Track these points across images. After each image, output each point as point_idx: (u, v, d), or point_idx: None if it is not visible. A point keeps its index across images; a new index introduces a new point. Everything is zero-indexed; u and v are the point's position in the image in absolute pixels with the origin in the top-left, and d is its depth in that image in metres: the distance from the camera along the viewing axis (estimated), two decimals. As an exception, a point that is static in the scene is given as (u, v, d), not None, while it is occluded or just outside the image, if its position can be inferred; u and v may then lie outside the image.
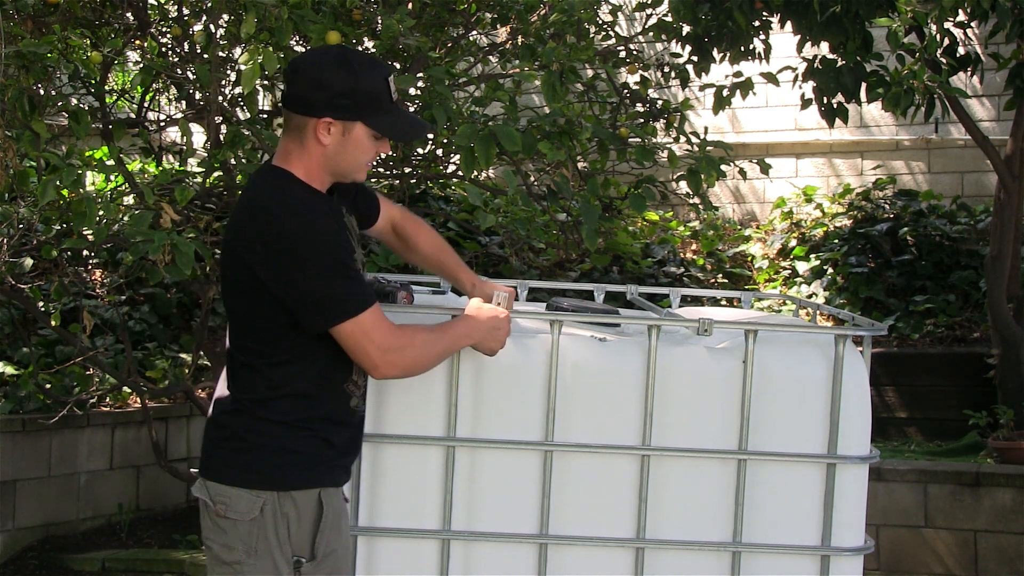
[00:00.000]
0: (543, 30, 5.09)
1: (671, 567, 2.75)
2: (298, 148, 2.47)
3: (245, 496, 2.40)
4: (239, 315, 2.46)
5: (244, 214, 2.45)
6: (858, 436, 2.79)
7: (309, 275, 2.36)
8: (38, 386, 5.81)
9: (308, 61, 2.51)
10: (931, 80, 5.39)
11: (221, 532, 2.42)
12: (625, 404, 2.73)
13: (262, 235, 2.37)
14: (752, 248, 8.87)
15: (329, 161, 2.47)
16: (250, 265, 2.38)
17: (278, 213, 2.39)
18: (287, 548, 2.40)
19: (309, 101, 2.44)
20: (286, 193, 2.43)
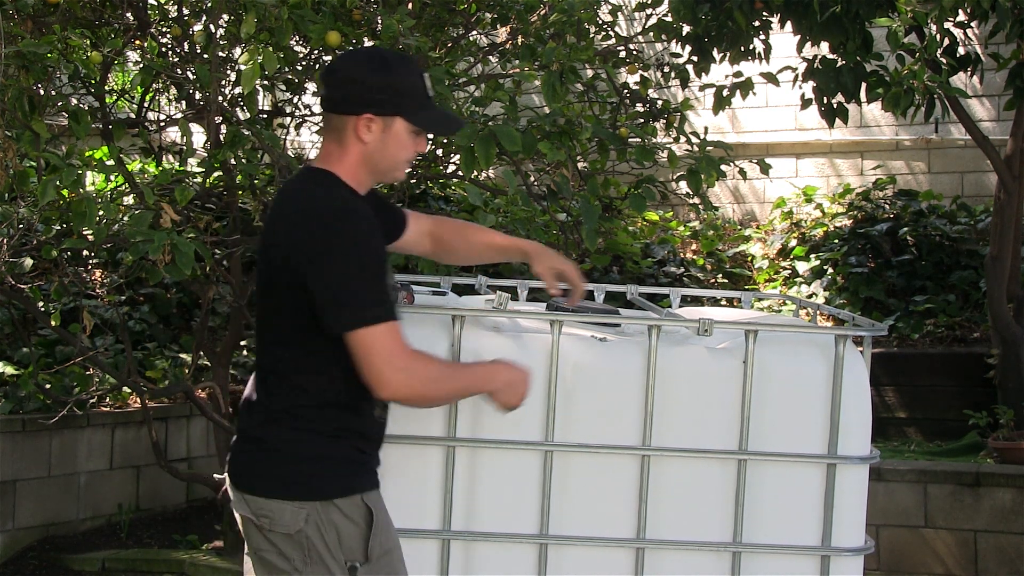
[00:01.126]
0: (543, 30, 5.09)
1: (671, 567, 2.75)
2: (338, 149, 2.48)
3: (288, 509, 2.37)
4: (275, 322, 2.44)
5: (287, 215, 2.44)
6: (858, 436, 2.79)
7: (338, 273, 2.33)
8: (38, 386, 5.80)
9: (344, 62, 2.54)
10: (931, 80, 5.39)
11: (273, 544, 2.40)
12: (625, 404, 2.73)
13: (305, 233, 2.36)
14: (752, 248, 8.87)
15: (370, 159, 2.48)
16: (292, 266, 2.36)
17: (320, 211, 2.39)
18: (339, 555, 2.39)
19: (349, 99, 2.45)
20: (330, 192, 2.43)
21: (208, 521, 6.39)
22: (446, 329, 2.73)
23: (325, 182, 2.45)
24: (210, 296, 5.54)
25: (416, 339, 2.77)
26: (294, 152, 6.33)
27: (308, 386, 2.41)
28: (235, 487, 2.46)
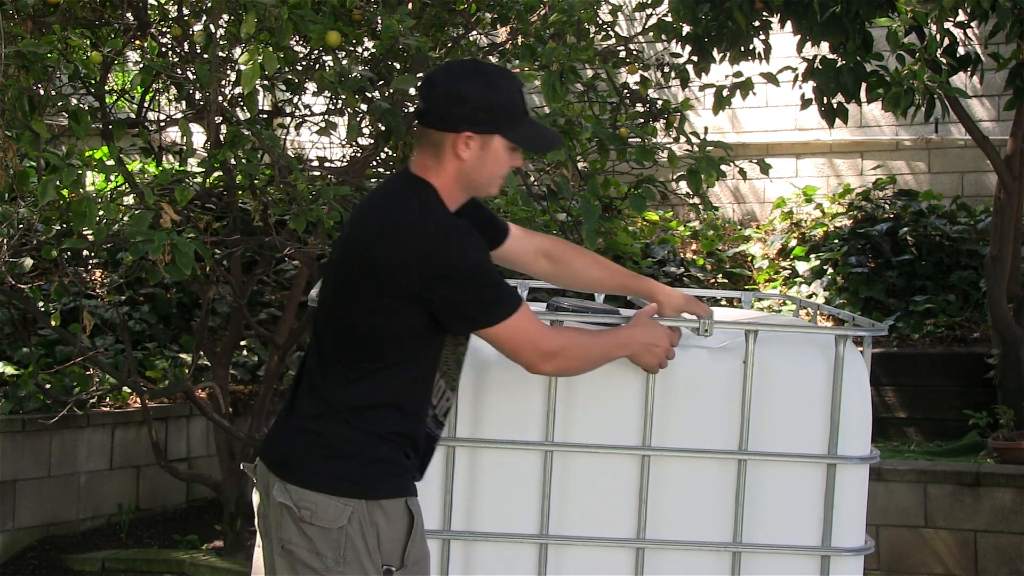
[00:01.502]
0: (543, 30, 5.09)
1: (671, 567, 2.75)
2: (435, 164, 2.46)
3: (333, 504, 2.36)
4: (345, 322, 2.43)
5: (384, 223, 2.41)
6: (858, 436, 2.79)
7: (464, 286, 2.37)
8: (38, 386, 5.80)
9: (444, 75, 2.50)
10: (931, 80, 5.39)
11: (307, 539, 2.37)
12: (625, 404, 2.73)
13: (410, 248, 2.36)
14: (752, 248, 8.88)
15: (466, 176, 2.47)
16: (385, 275, 2.36)
17: (426, 226, 2.39)
18: (377, 557, 2.38)
19: (448, 116, 2.43)
20: (431, 206, 2.43)
21: (208, 521, 6.39)
22: (446, 329, 2.73)
23: (422, 192, 2.44)
24: (210, 296, 5.54)
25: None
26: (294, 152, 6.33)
27: (372, 387, 2.41)
28: (279, 475, 2.43)
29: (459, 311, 2.40)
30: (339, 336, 2.45)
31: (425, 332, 2.43)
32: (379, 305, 2.39)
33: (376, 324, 2.40)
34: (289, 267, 7.31)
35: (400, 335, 2.41)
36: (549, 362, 2.48)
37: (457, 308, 2.39)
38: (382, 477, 2.41)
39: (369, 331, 2.41)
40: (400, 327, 2.40)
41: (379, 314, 2.39)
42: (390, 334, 2.40)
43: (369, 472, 2.40)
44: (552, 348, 2.46)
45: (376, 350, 2.41)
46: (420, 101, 2.50)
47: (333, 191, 4.35)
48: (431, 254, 2.36)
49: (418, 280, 2.36)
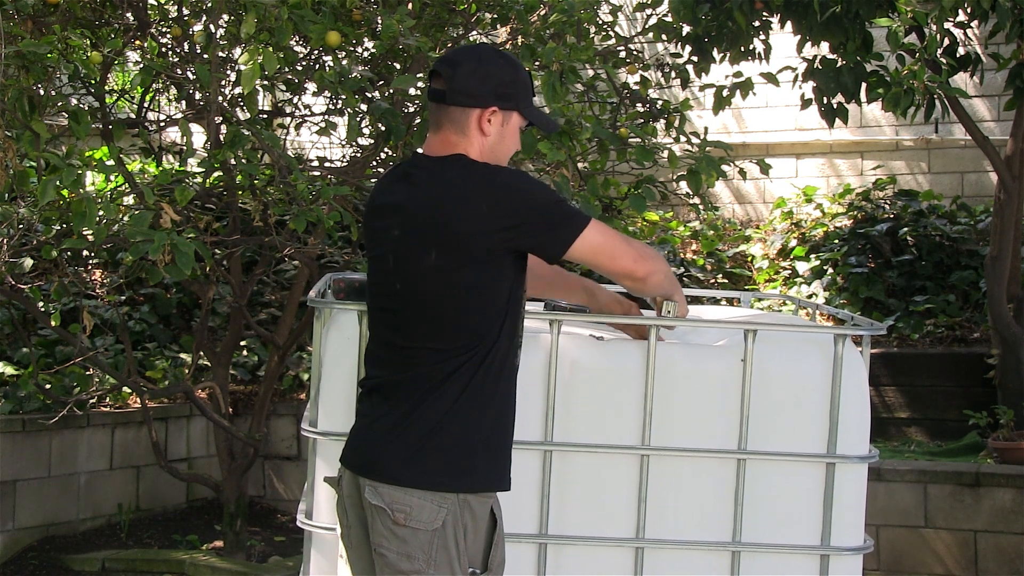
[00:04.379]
0: (543, 30, 5.09)
1: (671, 567, 2.75)
2: (462, 140, 2.49)
3: (428, 504, 2.35)
4: (430, 309, 2.42)
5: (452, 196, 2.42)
6: (857, 435, 2.79)
7: (543, 200, 2.43)
8: (38, 386, 5.81)
9: (466, 55, 2.55)
10: (931, 80, 5.38)
11: (400, 541, 2.36)
12: (624, 403, 2.73)
13: (485, 197, 2.40)
14: (752, 248, 8.87)
15: (490, 153, 2.51)
16: (471, 239, 2.37)
17: (488, 175, 2.44)
18: (464, 560, 2.37)
19: (474, 92, 2.47)
20: (485, 164, 2.47)
21: (208, 521, 6.40)
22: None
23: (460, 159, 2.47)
24: (210, 296, 5.54)
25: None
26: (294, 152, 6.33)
27: (469, 376, 2.40)
28: (370, 476, 2.40)
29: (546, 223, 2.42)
30: (422, 325, 2.43)
31: (512, 290, 2.44)
32: (468, 276, 2.39)
33: (468, 298, 2.40)
34: (289, 267, 7.31)
35: (491, 302, 2.40)
36: (644, 262, 2.52)
37: (545, 221, 2.42)
38: (481, 467, 2.41)
39: (461, 309, 2.40)
40: (492, 292, 2.40)
41: (469, 286, 2.39)
42: (482, 306, 2.40)
43: (467, 463, 2.39)
44: (637, 246, 2.53)
45: (466, 329, 2.40)
46: (441, 81, 2.50)
47: (333, 191, 4.36)
48: (504, 199, 2.40)
49: (508, 229, 2.38)
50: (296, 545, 5.84)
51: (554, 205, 2.44)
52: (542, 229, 2.42)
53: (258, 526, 6.40)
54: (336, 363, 2.79)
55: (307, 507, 2.84)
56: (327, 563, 2.81)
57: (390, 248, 2.49)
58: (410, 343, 2.44)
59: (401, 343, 2.45)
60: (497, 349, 2.42)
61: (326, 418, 2.79)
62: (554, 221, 2.43)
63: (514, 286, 2.46)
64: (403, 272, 2.45)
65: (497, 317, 2.42)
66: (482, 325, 2.41)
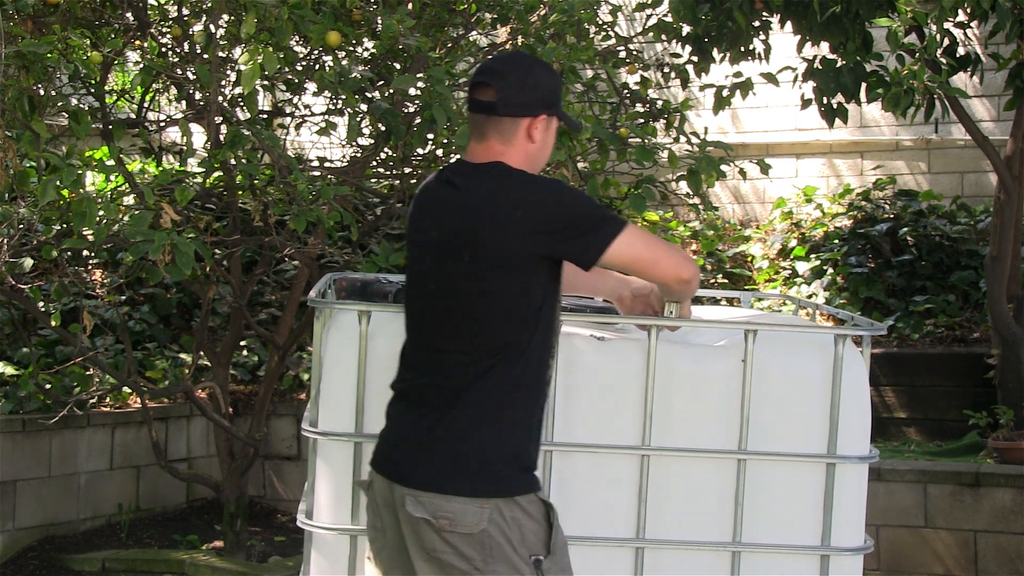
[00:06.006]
0: (543, 30, 5.09)
1: (671, 567, 2.75)
2: (507, 149, 2.50)
3: (471, 509, 2.34)
4: (467, 317, 2.42)
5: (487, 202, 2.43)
6: (858, 436, 2.79)
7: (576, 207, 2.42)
8: (38, 386, 5.80)
9: (511, 66, 2.57)
10: (931, 80, 5.38)
11: (450, 546, 2.35)
12: (625, 403, 2.73)
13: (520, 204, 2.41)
14: (752, 248, 8.87)
15: (533, 159, 2.54)
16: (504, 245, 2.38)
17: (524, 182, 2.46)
18: (523, 550, 2.37)
19: (525, 102, 2.50)
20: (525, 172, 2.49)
21: (208, 521, 6.39)
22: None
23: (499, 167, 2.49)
24: (210, 296, 5.54)
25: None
26: (294, 152, 6.33)
27: (503, 382, 2.40)
28: (409, 484, 2.39)
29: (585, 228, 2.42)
30: (454, 330, 2.43)
31: (546, 298, 2.44)
32: (500, 282, 2.40)
33: (499, 305, 2.40)
34: (289, 267, 7.31)
35: (524, 310, 2.41)
36: (688, 266, 2.52)
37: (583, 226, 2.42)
38: (515, 474, 2.41)
39: (492, 315, 2.41)
40: (524, 300, 2.41)
41: (501, 293, 2.40)
42: (513, 313, 2.40)
43: (503, 470, 2.39)
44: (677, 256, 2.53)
45: (498, 335, 2.40)
46: (490, 93, 2.50)
47: (333, 191, 4.35)
48: (538, 205, 2.40)
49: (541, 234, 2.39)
50: (296, 545, 5.84)
51: (588, 211, 2.44)
52: (575, 235, 2.42)
53: (258, 526, 6.40)
54: (336, 363, 2.78)
55: (307, 507, 2.84)
56: (327, 563, 2.81)
57: (427, 251, 2.52)
58: (443, 347, 2.45)
59: (434, 346, 2.46)
60: (529, 357, 2.42)
61: (326, 418, 2.79)
62: (587, 227, 2.43)
63: (547, 294, 2.45)
64: (438, 275, 2.47)
65: (529, 325, 2.42)
66: (514, 332, 2.41)
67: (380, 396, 2.70)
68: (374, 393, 2.71)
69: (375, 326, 2.74)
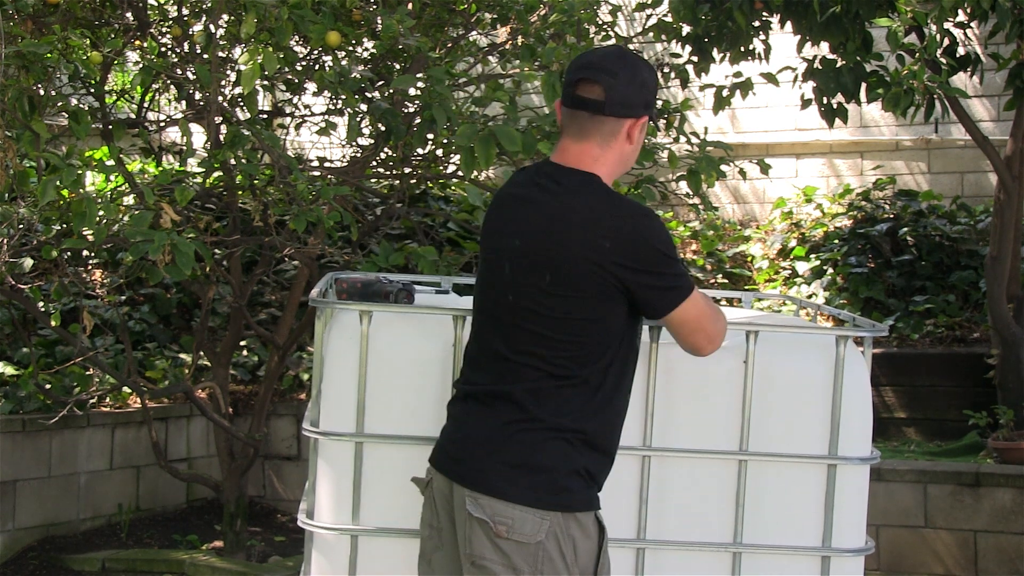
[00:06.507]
0: (543, 30, 5.09)
1: (672, 567, 2.75)
2: (602, 151, 2.43)
3: (531, 518, 2.31)
4: (544, 333, 2.37)
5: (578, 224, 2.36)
6: (859, 437, 2.79)
7: (664, 254, 2.37)
8: (38, 386, 5.80)
9: (619, 63, 2.45)
10: (931, 80, 5.38)
11: (502, 554, 2.31)
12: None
13: (610, 233, 2.33)
14: (752, 248, 8.87)
15: (627, 161, 2.49)
16: (606, 274, 2.33)
17: (619, 209, 2.38)
18: (575, 570, 2.34)
19: (633, 102, 2.43)
20: (620, 196, 2.44)
21: (208, 521, 6.39)
22: (446, 329, 2.73)
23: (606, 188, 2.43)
24: (210, 296, 5.53)
25: (416, 338, 2.77)
26: (294, 152, 6.33)
27: (575, 399, 2.36)
28: (472, 487, 2.35)
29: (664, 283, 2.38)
30: (529, 342, 2.38)
31: (625, 332, 2.41)
32: (578, 306, 2.35)
33: (576, 327, 2.35)
34: (289, 267, 7.31)
35: (601, 337, 2.37)
36: (712, 344, 2.50)
37: (657, 288, 2.38)
38: (579, 490, 2.37)
39: (569, 335, 2.36)
40: (601, 328, 2.37)
41: (578, 317, 2.35)
42: (589, 338, 2.36)
43: (567, 485, 2.35)
44: (720, 321, 2.50)
45: (573, 355, 2.36)
46: (598, 91, 2.41)
47: (333, 191, 4.35)
48: (628, 239, 2.34)
49: (627, 272, 2.34)
50: (296, 545, 5.84)
51: (673, 262, 2.39)
52: (654, 284, 2.37)
53: (258, 526, 6.40)
54: (337, 363, 2.78)
55: (308, 507, 2.84)
56: (328, 563, 2.81)
57: (508, 257, 2.43)
58: (516, 357, 2.39)
59: (507, 354, 2.40)
60: (605, 378, 2.39)
61: (327, 418, 2.79)
62: (667, 280, 2.38)
63: (626, 329, 2.42)
64: (518, 286, 2.40)
65: (607, 350, 2.38)
66: (591, 355, 2.37)
67: (381, 396, 2.70)
68: (375, 393, 2.71)
69: (376, 326, 2.74)
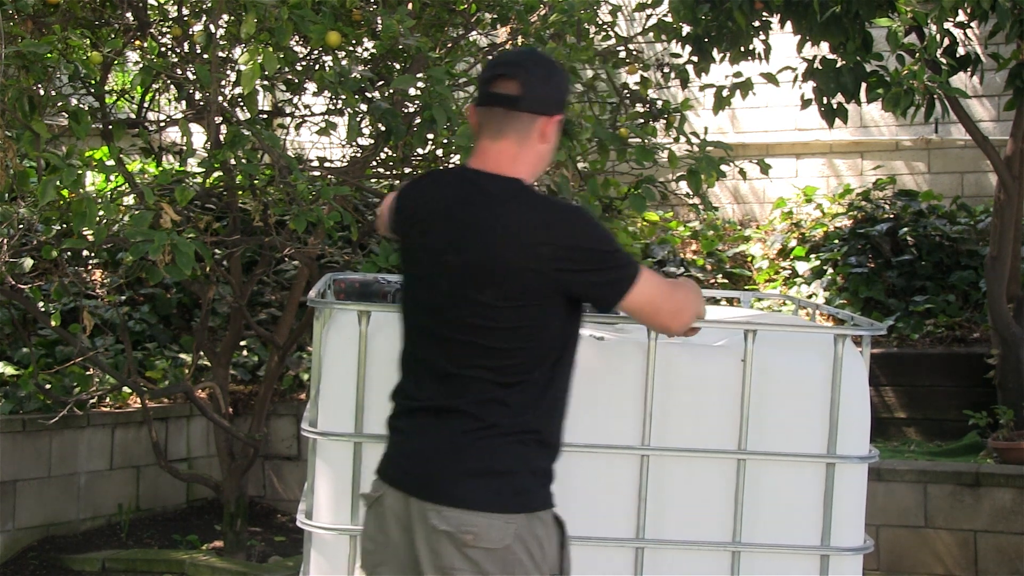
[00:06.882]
0: (543, 30, 5.09)
1: (671, 567, 2.75)
2: (521, 151, 2.42)
3: (497, 523, 2.29)
4: (487, 344, 2.35)
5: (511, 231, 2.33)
6: (857, 435, 2.79)
7: (602, 248, 2.36)
8: (38, 386, 5.80)
9: (532, 60, 2.47)
10: (931, 80, 5.39)
11: (472, 562, 2.30)
12: (624, 403, 2.73)
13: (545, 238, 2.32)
14: (752, 248, 8.88)
15: (543, 160, 2.48)
16: (548, 280, 2.32)
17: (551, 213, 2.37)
18: (544, 568, 2.34)
19: (547, 100, 2.42)
20: (548, 199, 2.46)
21: (208, 521, 6.40)
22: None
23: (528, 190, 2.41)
24: (210, 296, 5.54)
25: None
26: (294, 152, 6.33)
27: (526, 401, 2.35)
28: (433, 500, 2.33)
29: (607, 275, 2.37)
30: (474, 355, 2.36)
31: (566, 332, 2.41)
32: (520, 314, 2.33)
33: (519, 336, 2.34)
34: (289, 267, 7.31)
35: (543, 342, 2.36)
36: (679, 318, 2.49)
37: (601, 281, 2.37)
38: (537, 489, 2.37)
39: (512, 345, 2.34)
40: (543, 332, 2.36)
41: (520, 325, 2.34)
42: (532, 344, 2.35)
43: (526, 486, 2.35)
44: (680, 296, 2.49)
45: (524, 362, 2.35)
46: (513, 86, 2.39)
47: (333, 191, 4.35)
48: (564, 242, 2.33)
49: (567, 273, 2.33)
50: (296, 545, 5.84)
51: (612, 253, 2.38)
52: (597, 280, 2.36)
53: (258, 526, 6.40)
54: (336, 363, 2.78)
55: (307, 507, 2.84)
56: (327, 563, 2.81)
57: (443, 274, 2.39)
58: (462, 371, 2.36)
59: (451, 370, 2.37)
60: (552, 380, 2.39)
61: (326, 418, 2.79)
62: (610, 273, 2.37)
63: (568, 325, 2.41)
64: (457, 301, 2.37)
65: (551, 354, 2.38)
66: (536, 361, 2.36)
67: (380, 396, 2.70)
68: (374, 393, 2.71)
69: (375, 326, 2.74)
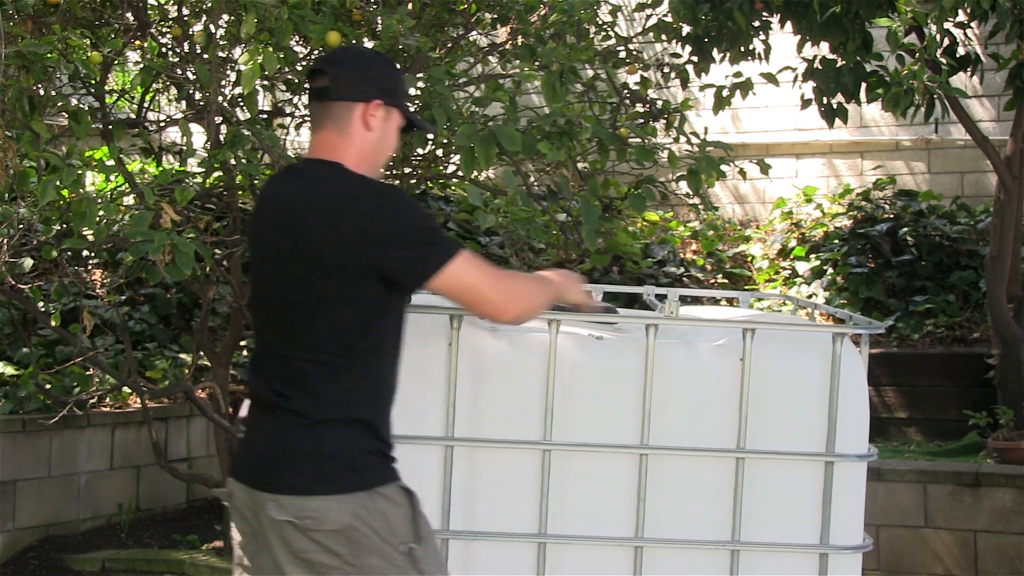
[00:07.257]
0: (543, 30, 5.09)
1: (670, 566, 2.76)
2: (342, 140, 2.46)
3: (333, 505, 2.33)
4: (309, 323, 2.38)
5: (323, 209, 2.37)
6: (856, 434, 2.79)
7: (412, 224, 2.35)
8: (38, 386, 5.80)
9: (347, 53, 2.63)
10: (931, 80, 5.39)
11: (317, 544, 2.34)
12: (623, 403, 2.73)
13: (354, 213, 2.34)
14: (752, 248, 8.88)
15: (373, 150, 2.49)
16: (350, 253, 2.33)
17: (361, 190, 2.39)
18: (393, 539, 2.36)
19: (358, 86, 2.45)
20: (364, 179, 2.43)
21: (208, 521, 6.40)
22: (444, 328, 2.74)
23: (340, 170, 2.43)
24: (210, 296, 5.53)
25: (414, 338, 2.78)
26: (294, 152, 6.33)
27: (348, 384, 2.38)
28: (270, 490, 2.37)
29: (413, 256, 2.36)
30: (299, 336, 2.40)
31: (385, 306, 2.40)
32: (335, 289, 2.36)
33: (338, 312, 2.37)
34: (289, 267, 7.30)
35: (362, 318, 2.37)
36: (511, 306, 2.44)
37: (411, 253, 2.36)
38: (375, 467, 2.40)
39: (333, 322, 2.37)
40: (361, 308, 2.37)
41: (337, 301, 2.36)
42: (352, 320, 2.37)
43: (361, 465, 2.38)
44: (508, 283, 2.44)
45: (346, 347, 2.38)
46: (323, 79, 2.46)
47: (333, 191, 4.34)
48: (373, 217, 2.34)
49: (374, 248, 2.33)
50: (296, 545, 5.83)
51: (424, 231, 2.37)
52: (405, 253, 2.36)
53: (258, 526, 6.40)
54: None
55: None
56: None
57: (267, 254, 2.47)
58: (288, 353, 2.41)
59: (280, 351, 2.43)
60: (376, 357, 2.41)
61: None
62: (419, 251, 2.37)
63: (386, 307, 2.41)
64: (278, 280, 2.43)
65: (371, 330, 2.39)
66: (355, 337, 2.38)
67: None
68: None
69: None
